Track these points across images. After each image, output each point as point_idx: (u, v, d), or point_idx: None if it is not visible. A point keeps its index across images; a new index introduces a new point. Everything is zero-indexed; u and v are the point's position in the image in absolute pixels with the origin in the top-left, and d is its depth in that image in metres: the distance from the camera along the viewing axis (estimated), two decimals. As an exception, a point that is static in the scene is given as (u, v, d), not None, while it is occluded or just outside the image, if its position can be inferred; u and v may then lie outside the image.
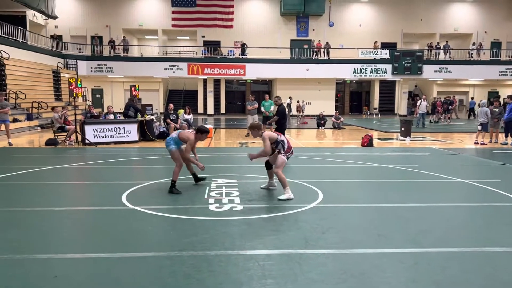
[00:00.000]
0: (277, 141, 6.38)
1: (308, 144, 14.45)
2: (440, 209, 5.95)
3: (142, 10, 32.65)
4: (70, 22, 31.73)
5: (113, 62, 30.27)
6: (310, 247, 4.30)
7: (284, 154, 6.36)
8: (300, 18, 33.65)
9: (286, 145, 6.40)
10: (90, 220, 5.39)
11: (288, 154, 6.43)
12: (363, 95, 37.58)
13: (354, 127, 22.22)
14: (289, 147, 6.42)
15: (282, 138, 6.44)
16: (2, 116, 12.95)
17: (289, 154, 6.46)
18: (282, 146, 6.38)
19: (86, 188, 7.51)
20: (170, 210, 5.67)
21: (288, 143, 6.47)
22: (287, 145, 6.41)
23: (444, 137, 16.72)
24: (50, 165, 9.29)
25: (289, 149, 6.41)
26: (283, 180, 6.24)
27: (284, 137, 6.56)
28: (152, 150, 12.35)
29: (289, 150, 6.42)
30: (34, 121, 19.15)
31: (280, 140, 6.39)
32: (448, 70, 31.96)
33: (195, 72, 30.90)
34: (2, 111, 12.89)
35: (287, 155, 6.39)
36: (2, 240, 4.48)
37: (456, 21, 34.44)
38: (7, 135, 13.16)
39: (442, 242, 4.51)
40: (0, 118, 12.97)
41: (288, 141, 6.52)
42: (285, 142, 6.41)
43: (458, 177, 8.19)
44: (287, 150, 6.39)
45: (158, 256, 4.06)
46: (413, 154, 11.70)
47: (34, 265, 3.84)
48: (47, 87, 24.38)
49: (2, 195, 6.55)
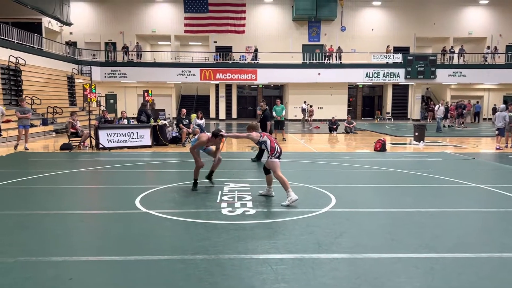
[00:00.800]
0: (259, 142, 6.49)
1: (321, 149, 14.40)
2: (455, 214, 5.88)
3: (155, 16, 33.01)
4: (84, 29, 32.22)
5: (127, 68, 30.62)
6: (323, 252, 4.28)
7: (271, 157, 6.39)
8: (312, 23, 33.65)
9: (269, 146, 6.40)
10: (104, 224, 5.45)
11: (275, 154, 6.37)
12: (376, 100, 37.35)
13: (367, 131, 22.09)
14: (272, 147, 6.37)
15: (264, 139, 6.47)
16: (23, 122, 13.11)
17: (276, 154, 6.39)
18: (265, 146, 6.43)
19: (100, 192, 7.59)
20: (183, 213, 5.70)
21: (272, 143, 6.44)
22: (269, 145, 6.40)
23: (458, 142, 16.52)
24: (64, 169, 9.41)
25: (273, 150, 6.36)
26: (283, 183, 6.24)
27: (268, 138, 6.52)
28: (165, 154, 12.43)
29: (273, 151, 6.36)
30: (49, 126, 19.43)
31: (262, 140, 6.46)
32: (462, 74, 31.60)
33: (207, 78, 31.07)
34: (23, 116, 13.07)
35: (274, 156, 6.36)
36: (18, 242, 4.55)
37: (470, 25, 34.08)
38: (25, 140, 13.33)
39: (457, 248, 4.46)
40: (21, 123, 13.13)
41: (272, 142, 6.47)
42: (267, 143, 6.42)
43: (473, 182, 8.08)
44: (271, 150, 6.37)
45: (172, 259, 4.08)
46: (427, 159, 11.58)
47: (49, 267, 3.88)
48: (62, 92, 24.74)
49: (18, 199, 6.66)
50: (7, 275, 3.71)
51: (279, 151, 6.46)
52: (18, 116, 12.88)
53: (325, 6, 32.21)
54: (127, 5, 32.54)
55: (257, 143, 6.62)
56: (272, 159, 6.37)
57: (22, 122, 13.10)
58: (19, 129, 13.20)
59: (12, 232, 4.94)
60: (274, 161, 6.36)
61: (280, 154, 6.47)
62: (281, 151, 6.51)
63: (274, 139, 6.63)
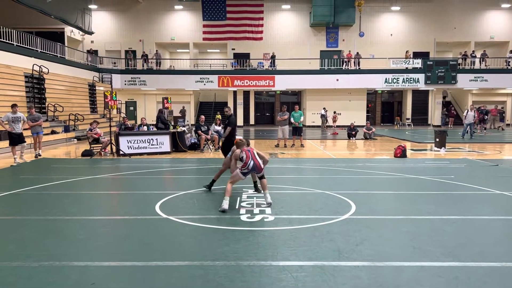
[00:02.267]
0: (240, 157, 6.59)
1: (340, 155, 14.30)
2: (478, 222, 5.75)
3: (174, 24, 33.46)
4: (105, 37, 32.88)
5: (146, 76, 31.07)
6: (344, 259, 4.23)
7: (240, 169, 6.47)
8: (330, 28, 33.58)
9: (244, 160, 6.47)
10: (125, 229, 5.51)
11: (244, 169, 6.43)
12: (395, 105, 36.94)
13: (386, 137, 21.83)
14: (245, 163, 6.43)
15: (242, 154, 6.52)
16: (36, 129, 13.20)
17: (245, 170, 6.44)
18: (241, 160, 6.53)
19: (121, 198, 7.68)
20: (202, 219, 5.72)
21: (247, 158, 6.44)
22: (244, 160, 6.46)
23: (481, 148, 16.19)
24: (86, 176, 9.57)
25: (245, 165, 6.43)
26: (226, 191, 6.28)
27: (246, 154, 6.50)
28: (184, 161, 12.52)
29: (244, 166, 6.43)
30: (71, 133, 19.82)
31: (241, 156, 6.55)
32: (484, 79, 31.00)
33: (225, 84, 31.26)
34: (36, 124, 13.16)
35: (243, 170, 6.44)
36: (42, 247, 4.64)
37: (491, 29, 33.48)
38: (39, 146, 13.39)
39: (482, 256, 4.35)
40: (34, 130, 13.21)
41: (248, 158, 6.44)
42: (243, 158, 6.48)
43: (497, 189, 7.90)
44: (243, 165, 6.45)
45: (191, 265, 4.10)
46: (449, 165, 11.37)
47: (72, 272, 3.94)
48: (83, 100, 25.24)
49: (41, 204, 6.79)
50: (32, 279, 3.78)
51: (250, 168, 6.44)
52: (29, 124, 12.95)
53: (343, 12, 32.12)
54: (147, 13, 33.09)
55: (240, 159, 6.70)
56: (239, 172, 6.47)
57: (35, 129, 13.18)
58: (33, 137, 13.28)
59: (36, 237, 5.04)
60: (238, 174, 6.47)
61: (248, 172, 6.49)
62: (253, 168, 6.45)
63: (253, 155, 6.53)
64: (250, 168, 6.45)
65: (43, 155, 13.32)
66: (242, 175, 6.49)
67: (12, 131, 11.65)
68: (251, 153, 6.54)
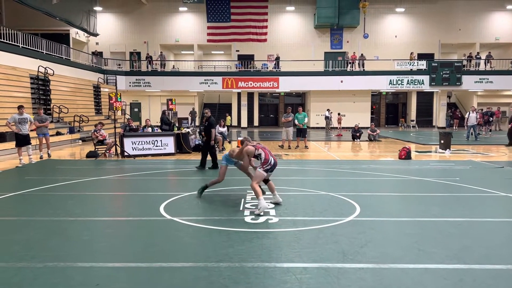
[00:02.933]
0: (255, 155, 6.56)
1: (344, 157, 14.26)
2: (484, 224, 5.71)
3: (179, 26, 33.55)
4: (110, 39, 33.03)
5: (151, 77, 31.16)
6: (348, 261, 4.22)
7: (261, 167, 6.42)
8: (334, 30, 33.56)
9: (263, 158, 6.42)
10: (129, 230, 5.52)
11: (267, 166, 6.38)
12: (400, 107, 36.84)
13: (391, 139, 21.77)
14: (265, 159, 6.40)
15: (259, 152, 6.49)
16: (42, 130, 13.35)
17: (268, 167, 6.39)
18: (260, 158, 6.48)
19: (125, 199, 7.70)
20: (206, 221, 5.73)
21: (266, 155, 6.44)
22: (263, 157, 6.42)
23: (486, 150, 16.10)
24: (91, 177, 9.60)
25: (266, 161, 6.39)
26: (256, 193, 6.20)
27: (263, 151, 6.50)
28: (188, 162, 12.54)
29: (266, 162, 6.39)
30: (76, 134, 19.90)
31: (257, 153, 6.52)
32: (489, 81, 30.85)
33: (229, 86, 31.30)
34: (42, 125, 13.31)
35: (265, 168, 6.39)
36: (47, 248, 4.65)
37: (497, 30, 33.33)
38: (48, 147, 13.63)
39: (487, 259, 4.32)
40: (40, 131, 13.35)
41: (267, 154, 6.46)
42: (262, 156, 6.45)
43: (503, 191, 7.85)
44: (264, 162, 6.40)
45: (196, 266, 4.10)
46: (454, 167, 11.31)
47: (76, 273, 3.95)
48: (88, 101, 25.35)
49: (46, 205, 6.81)
50: (36, 279, 3.80)
51: (272, 164, 6.43)
52: (36, 125, 13.10)
53: (347, 13, 32.11)
54: (152, 15, 33.21)
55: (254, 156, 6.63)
56: (261, 170, 6.38)
57: (42, 130, 13.31)
58: (39, 138, 13.43)
59: (41, 238, 5.06)
60: (261, 173, 6.38)
61: (272, 168, 6.47)
62: (275, 164, 6.49)
63: (268, 151, 6.56)
64: (272, 164, 6.44)
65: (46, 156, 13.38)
66: (265, 172, 6.41)
67: (19, 132, 11.72)
68: (268, 150, 6.57)
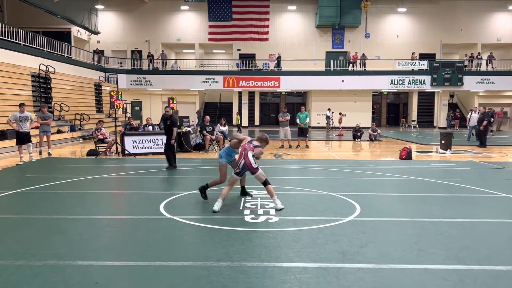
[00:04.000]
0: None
1: (345, 157, 14.25)
2: (484, 225, 5.70)
3: (180, 25, 33.54)
4: (111, 37, 33.03)
5: (152, 76, 31.15)
6: (348, 261, 4.21)
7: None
8: (336, 30, 33.53)
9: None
10: (129, 229, 5.52)
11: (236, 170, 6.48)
12: (401, 107, 36.81)
13: (392, 139, 21.74)
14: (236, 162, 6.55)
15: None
16: (44, 127, 13.50)
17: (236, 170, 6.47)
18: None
19: (126, 198, 7.70)
20: (207, 220, 5.72)
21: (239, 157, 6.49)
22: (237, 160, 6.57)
23: (487, 151, 16.07)
24: (91, 175, 9.60)
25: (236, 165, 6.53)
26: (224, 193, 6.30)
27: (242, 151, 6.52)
28: (189, 161, 12.54)
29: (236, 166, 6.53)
30: (77, 132, 19.91)
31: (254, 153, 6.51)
32: (491, 81, 30.80)
33: (230, 85, 31.29)
34: (44, 123, 13.45)
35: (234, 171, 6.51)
36: (47, 246, 4.66)
37: (498, 31, 33.27)
38: (48, 145, 13.70)
39: (488, 260, 4.31)
40: (42, 129, 13.51)
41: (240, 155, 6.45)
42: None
43: (503, 192, 7.84)
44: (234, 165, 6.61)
45: (195, 266, 4.09)
46: (454, 167, 11.30)
47: (76, 271, 3.95)
48: (89, 99, 25.36)
49: (46, 203, 6.82)
50: (36, 278, 3.79)
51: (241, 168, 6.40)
52: (39, 122, 13.23)
53: (349, 13, 32.06)
54: (153, 14, 33.20)
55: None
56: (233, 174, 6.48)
57: (43, 128, 13.48)
58: (40, 135, 13.58)
59: (41, 236, 5.06)
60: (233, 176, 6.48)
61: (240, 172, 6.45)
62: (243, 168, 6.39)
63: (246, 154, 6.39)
64: (241, 168, 6.41)
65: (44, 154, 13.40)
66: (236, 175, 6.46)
67: (20, 130, 11.74)
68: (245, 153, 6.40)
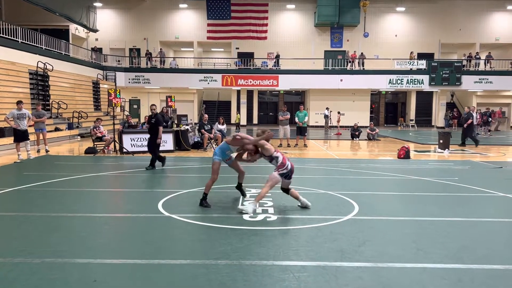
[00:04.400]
0: (271, 156, 6.13)
1: (343, 156, 14.26)
2: (482, 224, 5.71)
3: (179, 23, 33.48)
4: (110, 35, 32.94)
5: (150, 74, 31.10)
6: (347, 260, 4.21)
7: (277, 170, 6.03)
8: (335, 29, 33.52)
9: (280, 162, 6.03)
10: (127, 227, 5.51)
11: (282, 171, 6.00)
12: (399, 106, 36.85)
13: (390, 138, 21.78)
14: (282, 163, 6.01)
15: (277, 155, 6.10)
16: (39, 125, 13.56)
17: (284, 171, 6.00)
18: (276, 162, 6.07)
19: (124, 196, 7.68)
20: (205, 218, 5.72)
21: (284, 159, 6.05)
22: (281, 161, 6.03)
23: (485, 150, 16.11)
24: (89, 173, 9.58)
25: (282, 165, 6.00)
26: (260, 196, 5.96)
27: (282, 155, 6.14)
28: (187, 159, 12.53)
29: (282, 166, 6.00)
30: (75, 130, 19.86)
31: (274, 156, 6.11)
32: (489, 81, 30.86)
33: (229, 83, 31.26)
34: (39, 120, 13.49)
35: (280, 172, 6.02)
36: (46, 244, 4.64)
37: (497, 31, 33.32)
38: (45, 142, 13.76)
39: (486, 259, 4.32)
40: (37, 127, 13.56)
41: (284, 159, 6.08)
42: (279, 159, 6.04)
43: (501, 191, 7.85)
44: (280, 166, 6.01)
45: (194, 264, 4.09)
46: (453, 167, 11.32)
47: (74, 269, 3.94)
48: (87, 97, 25.29)
49: (45, 201, 6.80)
50: (34, 275, 3.78)
51: (289, 169, 6.04)
52: (33, 120, 13.20)
53: (348, 12, 32.07)
54: (151, 12, 33.12)
55: (268, 156, 6.17)
56: (276, 174, 5.99)
57: (38, 125, 13.59)
58: (36, 133, 13.65)
59: (39, 233, 5.05)
60: (277, 177, 5.99)
61: (289, 174, 6.09)
62: (291, 170, 6.09)
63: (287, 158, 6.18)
64: (289, 169, 6.05)
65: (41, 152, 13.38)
66: (280, 176, 6.03)
67: (17, 128, 11.71)
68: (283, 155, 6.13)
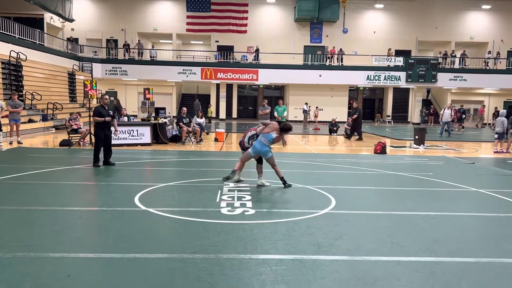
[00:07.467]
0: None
1: (320, 150, 14.38)
2: (455, 218, 5.85)
3: (157, 14, 32.97)
4: (86, 25, 32.18)
5: (128, 65, 30.58)
6: (323, 253, 4.25)
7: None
8: (314, 24, 33.65)
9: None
10: (103, 221, 5.41)
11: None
12: (376, 102, 37.35)
13: (367, 134, 22.04)
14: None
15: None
16: (14, 116, 13.15)
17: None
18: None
19: (99, 189, 7.55)
20: (182, 212, 5.67)
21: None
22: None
23: (458, 146, 16.51)
24: (64, 166, 9.38)
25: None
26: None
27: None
28: (165, 153, 12.40)
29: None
30: (49, 122, 19.37)
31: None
32: (463, 79, 31.60)
33: (208, 77, 31.04)
34: (15, 111, 13.09)
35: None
36: (17, 238, 4.52)
37: (472, 30, 34.09)
38: (17, 134, 13.37)
39: (458, 252, 4.43)
40: (12, 117, 13.15)
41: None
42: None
43: (474, 186, 8.06)
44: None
45: (170, 258, 4.05)
46: (427, 162, 11.56)
47: (47, 263, 3.85)
48: (63, 89, 24.69)
49: (17, 194, 6.62)
50: (4, 270, 3.68)
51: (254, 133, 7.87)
52: (9, 110, 12.87)
53: (328, 7, 32.23)
54: (129, 2, 32.50)
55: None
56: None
57: (14, 116, 13.15)
58: (10, 123, 13.22)
59: (10, 227, 4.91)
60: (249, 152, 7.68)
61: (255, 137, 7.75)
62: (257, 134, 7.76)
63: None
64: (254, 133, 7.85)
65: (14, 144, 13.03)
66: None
67: None
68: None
